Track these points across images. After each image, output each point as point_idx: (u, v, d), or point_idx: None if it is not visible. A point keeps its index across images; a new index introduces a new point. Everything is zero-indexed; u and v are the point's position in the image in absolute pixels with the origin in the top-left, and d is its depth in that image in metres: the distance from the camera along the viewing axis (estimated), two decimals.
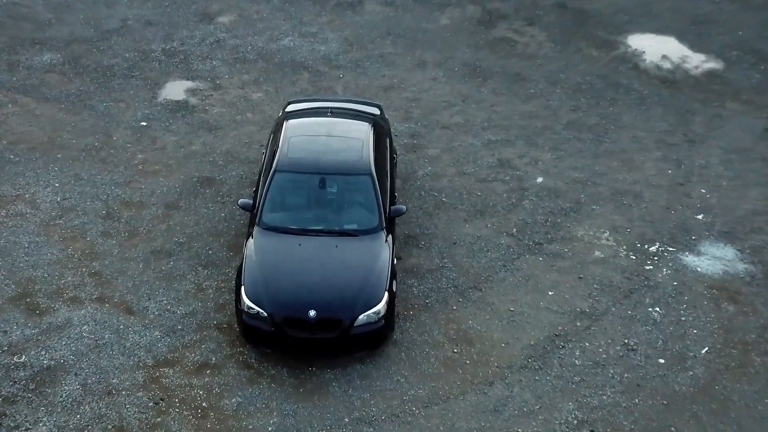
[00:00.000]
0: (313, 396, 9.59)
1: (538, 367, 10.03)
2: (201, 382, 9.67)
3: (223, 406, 9.43)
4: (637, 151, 13.73)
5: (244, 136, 13.75)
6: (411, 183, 12.87)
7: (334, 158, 10.95)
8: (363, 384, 9.75)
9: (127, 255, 11.37)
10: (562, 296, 11.01)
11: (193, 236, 11.73)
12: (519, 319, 10.66)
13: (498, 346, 10.29)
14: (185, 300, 10.73)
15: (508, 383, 9.82)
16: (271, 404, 9.47)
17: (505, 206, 12.51)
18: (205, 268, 11.22)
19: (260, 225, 10.47)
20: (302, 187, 10.78)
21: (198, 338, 10.22)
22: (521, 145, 13.80)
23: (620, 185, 12.99)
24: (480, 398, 9.64)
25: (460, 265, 11.43)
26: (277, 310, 9.66)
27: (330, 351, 9.91)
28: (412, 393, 9.68)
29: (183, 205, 12.29)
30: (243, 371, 9.84)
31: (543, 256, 11.66)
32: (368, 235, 10.41)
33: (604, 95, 15.06)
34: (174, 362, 9.91)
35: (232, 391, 9.60)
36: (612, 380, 9.90)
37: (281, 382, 9.73)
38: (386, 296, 9.84)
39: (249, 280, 9.90)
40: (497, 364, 10.04)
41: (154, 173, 12.88)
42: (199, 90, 14.81)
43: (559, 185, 12.93)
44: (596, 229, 12.15)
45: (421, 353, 10.17)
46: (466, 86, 15.18)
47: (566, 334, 10.49)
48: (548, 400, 9.63)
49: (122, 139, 13.58)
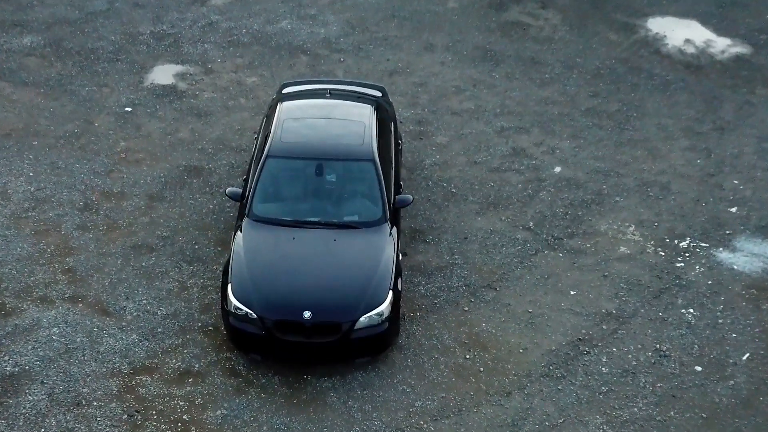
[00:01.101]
0: (308, 408, 8.53)
1: (561, 375, 8.97)
2: (182, 392, 8.62)
3: (207, 420, 8.37)
4: (663, 140, 12.66)
5: (236, 123, 12.71)
6: (418, 173, 11.81)
7: (332, 143, 9.88)
8: (364, 394, 8.69)
9: (105, 250, 10.32)
10: (585, 296, 9.95)
11: (178, 230, 10.68)
12: (538, 322, 9.59)
13: (515, 351, 9.23)
14: (167, 300, 9.67)
15: (528, 394, 8.75)
16: (261, 417, 8.41)
17: (521, 198, 11.43)
18: (190, 264, 10.17)
19: (250, 216, 9.40)
20: (297, 174, 9.72)
21: (180, 342, 9.17)
22: (537, 132, 12.73)
23: (646, 176, 11.92)
24: (496, 411, 8.57)
25: (472, 262, 10.37)
26: (268, 312, 8.60)
27: (327, 357, 8.84)
28: (420, 404, 8.62)
29: (168, 196, 11.24)
30: (229, 380, 8.79)
31: (563, 252, 10.59)
32: (371, 228, 9.34)
33: (625, 81, 13.99)
34: (152, 369, 8.86)
35: (217, 402, 8.54)
36: (644, 390, 8.83)
37: (272, 393, 8.67)
38: (390, 296, 8.78)
39: (237, 277, 8.84)
40: (515, 372, 8.98)
41: (138, 162, 11.83)
42: (189, 74, 13.76)
43: (579, 175, 11.86)
44: (621, 222, 11.08)
45: (429, 360, 9.11)
46: (477, 71, 14.11)
47: (591, 338, 9.42)
48: (573, 413, 8.57)
49: (104, 125, 12.53)
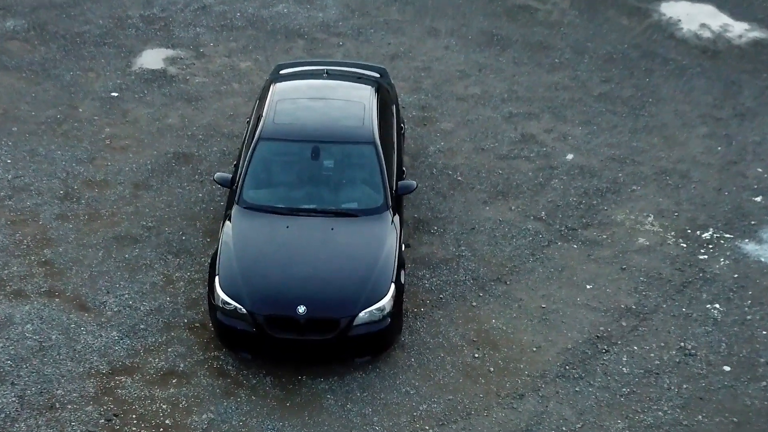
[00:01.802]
0: (302, 411, 7.80)
1: (578, 375, 8.24)
2: (165, 394, 7.89)
3: (191, 424, 7.64)
4: (681, 127, 11.93)
5: (228, 108, 11.98)
6: (421, 160, 11.08)
7: (330, 124, 9.15)
8: (364, 397, 7.97)
9: (85, 241, 9.60)
10: (602, 291, 9.22)
11: (164, 220, 9.96)
12: (552, 318, 8.86)
13: (528, 350, 8.50)
14: (151, 294, 8.95)
15: (543, 396, 8.02)
16: (251, 422, 7.68)
17: (532, 186, 10.70)
18: (176, 256, 9.44)
19: (240, 203, 8.67)
20: (291, 158, 8.98)
21: (164, 340, 8.44)
22: (547, 118, 12.00)
23: (663, 164, 11.19)
24: (508, 414, 7.84)
25: (480, 254, 9.64)
26: (259, 307, 7.87)
27: (324, 356, 8.11)
28: (425, 408, 7.89)
29: (154, 184, 10.51)
30: (217, 381, 8.06)
31: (578, 243, 9.86)
32: (371, 216, 8.60)
33: (639, 66, 13.26)
34: (133, 369, 8.13)
35: (203, 405, 7.81)
36: (669, 392, 8.10)
37: (264, 395, 7.95)
38: (392, 289, 8.05)
39: (225, 269, 8.11)
40: (528, 373, 8.25)
41: (123, 149, 11.11)
42: (179, 59, 13.04)
43: (593, 163, 11.13)
44: (639, 212, 10.35)
45: (434, 359, 8.38)
46: (483, 55, 13.38)
47: (610, 335, 8.69)
48: (592, 417, 7.83)
49: (88, 111, 11.80)
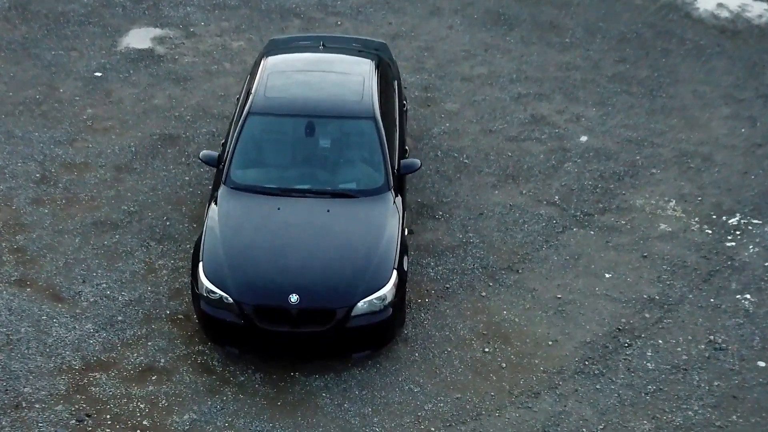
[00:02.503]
0: (295, 411, 7.07)
1: (599, 372, 7.50)
2: (143, 392, 7.15)
3: (171, 425, 6.90)
4: (701, 108, 11.18)
5: (218, 89, 11.24)
6: (425, 142, 10.34)
7: (326, 98, 8.41)
8: (363, 395, 7.23)
9: (62, 227, 8.86)
10: (623, 280, 8.48)
11: (148, 204, 9.22)
12: (569, 310, 8.12)
13: (543, 344, 7.76)
14: (131, 283, 8.21)
15: (560, 394, 7.28)
16: (237, 422, 6.94)
17: (544, 170, 9.96)
18: (159, 243, 8.71)
19: (227, 184, 7.93)
20: (284, 134, 8.24)
21: (144, 333, 7.71)
22: (559, 99, 11.26)
23: (684, 146, 10.45)
24: (522, 414, 7.10)
25: (489, 241, 8.90)
26: (247, 296, 7.13)
27: (319, 350, 7.37)
28: (430, 407, 7.15)
29: (138, 167, 9.78)
30: (201, 377, 7.32)
31: (595, 229, 9.12)
32: (371, 197, 7.86)
33: (655, 46, 12.51)
34: (109, 365, 7.39)
35: (185, 404, 7.08)
36: (699, 390, 7.36)
37: (252, 393, 7.21)
38: (395, 277, 7.31)
39: (209, 255, 7.37)
40: (543, 369, 7.51)
41: (106, 130, 10.37)
42: (168, 38, 12.29)
43: (609, 145, 10.39)
44: (659, 197, 9.61)
45: (441, 354, 7.65)
46: (489, 35, 12.64)
47: (632, 328, 7.95)
48: (615, 418, 7.09)
49: (70, 91, 11.06)
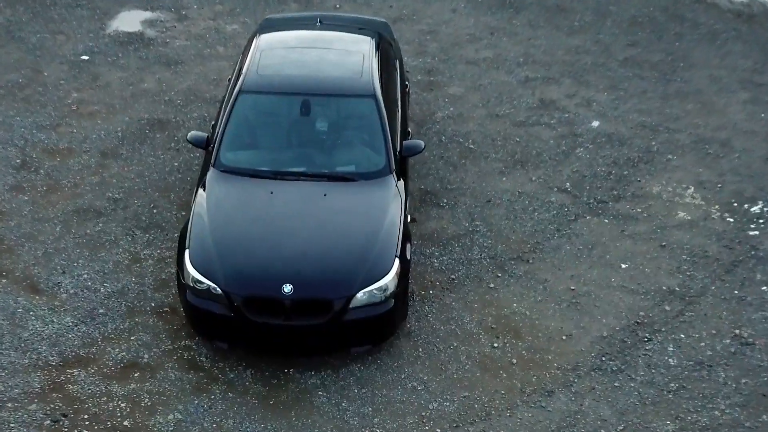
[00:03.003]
0: (289, 411, 6.53)
1: (617, 368, 6.95)
2: (124, 391, 6.61)
3: (154, 426, 6.35)
4: (718, 92, 10.64)
5: (211, 72, 10.70)
6: (428, 127, 9.80)
7: (323, 75, 7.86)
8: (363, 394, 6.69)
9: (42, 215, 8.32)
10: (640, 270, 7.94)
11: (134, 191, 8.68)
12: (584, 302, 7.58)
13: (557, 339, 7.21)
14: (114, 274, 7.67)
15: (576, 393, 6.73)
16: (226, 423, 6.40)
17: (554, 155, 9.42)
18: (145, 231, 8.17)
19: (216, 166, 7.38)
20: (277, 113, 7.70)
21: (126, 327, 7.16)
22: (568, 83, 10.72)
23: (701, 131, 9.90)
24: (536, 414, 6.55)
25: (497, 230, 8.36)
26: (237, 286, 6.58)
27: (315, 345, 6.83)
28: (435, 407, 6.60)
29: (124, 152, 9.24)
30: (187, 375, 6.78)
31: (609, 217, 8.58)
32: (371, 180, 7.32)
33: (667, 29, 11.96)
34: (88, 361, 6.85)
35: (170, 403, 6.53)
36: (725, 388, 6.81)
37: (243, 391, 6.67)
38: (397, 265, 6.76)
39: (197, 242, 6.83)
40: (557, 365, 6.97)
41: (91, 115, 9.83)
42: (159, 21, 11.75)
43: (622, 131, 9.85)
44: (677, 184, 9.06)
45: (446, 349, 7.10)
46: (495, 18, 12.09)
47: (652, 322, 7.41)
48: (636, 418, 6.54)
49: (55, 75, 10.52)
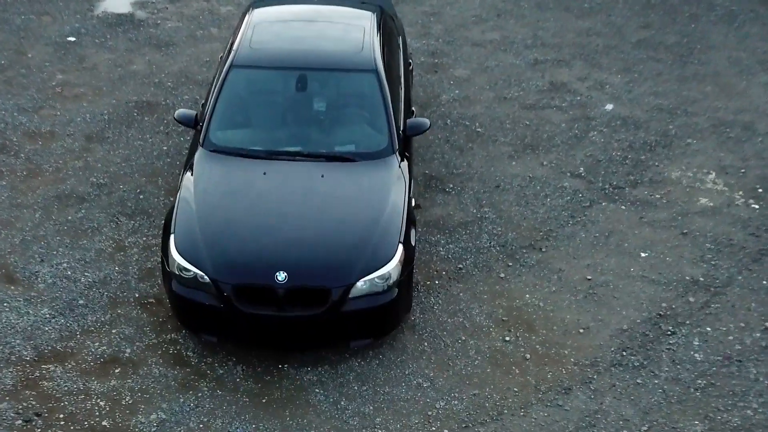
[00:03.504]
0: (282, 410, 5.99)
1: (639, 364, 6.40)
2: (104, 388, 6.07)
3: (135, 427, 5.82)
4: (738, 75, 10.10)
5: (204, 54, 10.17)
6: (432, 110, 9.26)
7: (320, 49, 7.32)
8: (363, 391, 6.15)
9: (21, 201, 7.79)
10: (661, 260, 7.39)
11: (119, 176, 8.15)
12: (602, 293, 7.04)
13: (573, 332, 6.67)
14: (95, 263, 7.13)
15: (595, 390, 6.19)
16: (215, 423, 5.86)
17: (566, 139, 8.88)
18: (130, 218, 7.63)
19: (205, 146, 6.84)
20: (271, 89, 7.15)
21: (107, 319, 6.63)
22: (580, 65, 10.18)
23: (722, 114, 9.36)
24: (552, 414, 6.01)
25: (507, 216, 7.82)
26: (226, 273, 6.04)
27: (311, 338, 6.29)
28: (443, 406, 6.06)
29: (110, 136, 8.71)
30: (172, 370, 6.24)
31: (626, 204, 8.04)
32: (373, 161, 6.77)
33: (681, 11, 11.43)
34: (66, 356, 6.32)
35: (153, 401, 6.00)
36: (757, 385, 6.27)
37: (232, 389, 6.13)
38: (400, 252, 6.22)
39: (183, 226, 6.28)
40: (575, 360, 6.42)
41: (77, 97, 9.30)
42: (150, 2, 11.22)
43: (638, 114, 9.31)
44: (697, 169, 8.52)
45: (454, 344, 6.56)
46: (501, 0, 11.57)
47: (675, 314, 6.86)
48: (661, 417, 6.00)
49: (39, 57, 9.99)
